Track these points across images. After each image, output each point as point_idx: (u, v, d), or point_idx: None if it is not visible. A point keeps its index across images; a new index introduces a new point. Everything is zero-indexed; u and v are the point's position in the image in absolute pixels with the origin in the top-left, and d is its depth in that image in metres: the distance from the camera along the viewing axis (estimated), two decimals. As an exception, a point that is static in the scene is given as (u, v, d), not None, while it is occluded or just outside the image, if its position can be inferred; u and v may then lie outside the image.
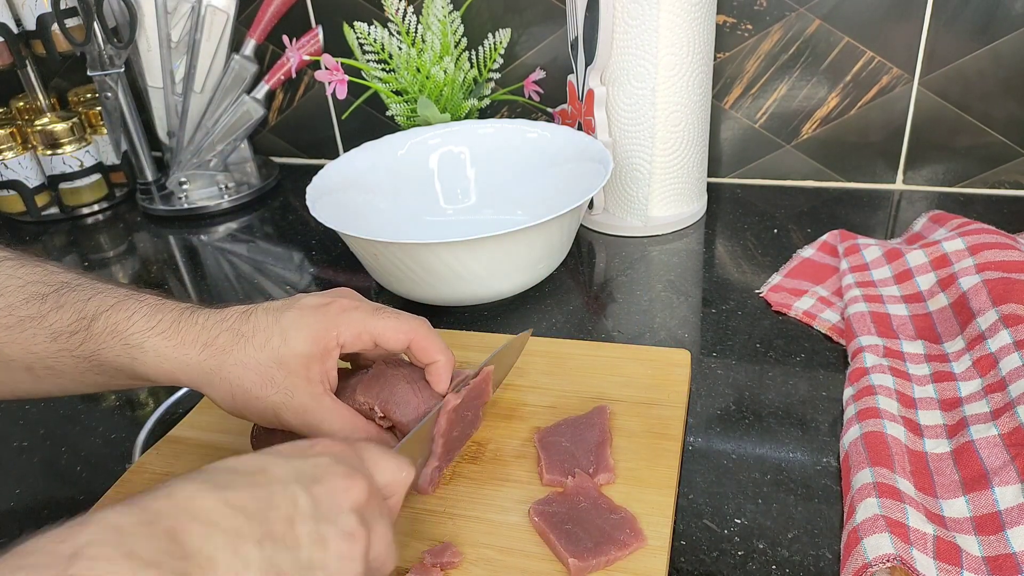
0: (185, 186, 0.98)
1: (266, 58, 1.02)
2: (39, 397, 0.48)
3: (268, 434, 0.51)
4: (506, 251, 0.64)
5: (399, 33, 0.85)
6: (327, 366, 0.46)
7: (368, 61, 0.87)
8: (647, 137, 0.76)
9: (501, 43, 0.88)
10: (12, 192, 0.98)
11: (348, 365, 0.54)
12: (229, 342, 0.44)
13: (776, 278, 0.70)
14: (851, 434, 0.50)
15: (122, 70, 0.93)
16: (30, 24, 0.92)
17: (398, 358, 0.52)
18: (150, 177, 1.00)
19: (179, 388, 0.63)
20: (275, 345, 0.44)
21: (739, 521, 0.47)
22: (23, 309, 0.45)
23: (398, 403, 0.48)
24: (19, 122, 1.00)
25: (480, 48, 0.90)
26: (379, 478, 0.38)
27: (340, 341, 0.46)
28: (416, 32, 0.85)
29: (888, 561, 0.40)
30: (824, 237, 0.74)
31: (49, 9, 0.90)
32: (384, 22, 0.87)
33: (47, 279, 0.46)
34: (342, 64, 0.85)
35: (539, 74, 0.90)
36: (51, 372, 0.45)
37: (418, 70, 0.84)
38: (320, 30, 0.94)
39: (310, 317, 0.45)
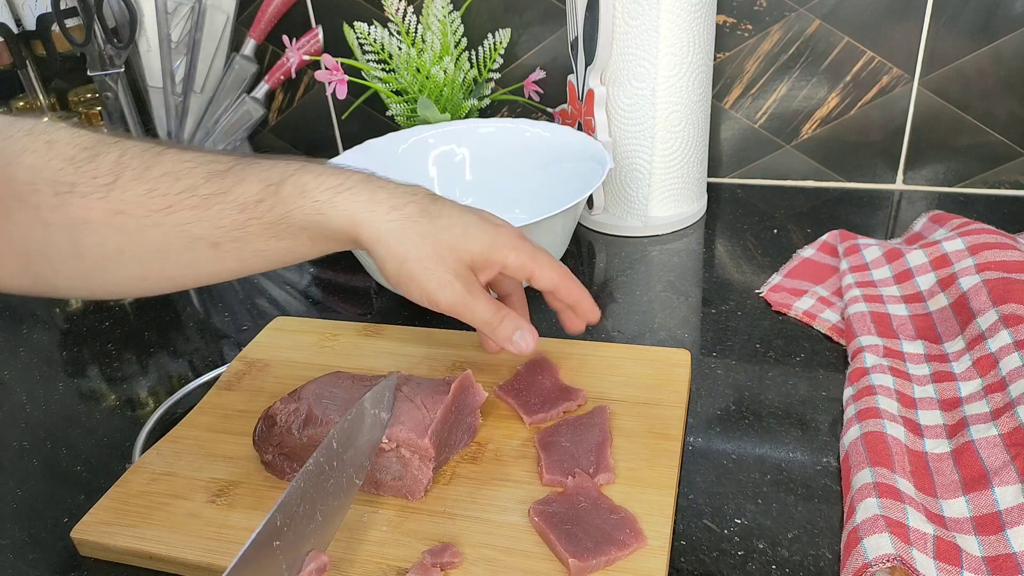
0: (185, 186, 0.98)
1: (266, 58, 1.02)
2: (220, 280, 0.49)
3: (268, 433, 0.51)
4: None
5: (399, 33, 0.85)
6: (489, 273, 0.49)
7: (368, 61, 0.87)
8: (647, 137, 0.76)
9: (501, 43, 0.88)
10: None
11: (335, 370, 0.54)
12: (417, 213, 0.46)
13: (776, 278, 0.70)
14: (851, 434, 0.50)
15: (122, 70, 0.93)
16: (30, 24, 0.92)
17: (404, 375, 0.52)
18: (150, 177, 1.00)
19: (179, 388, 0.63)
20: (456, 233, 0.46)
21: (739, 521, 0.47)
22: (205, 187, 0.45)
23: (404, 422, 0.48)
24: (19, 122, 1.00)
25: (480, 48, 0.90)
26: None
27: (506, 263, 0.48)
28: (416, 32, 0.85)
29: (888, 561, 0.40)
30: (824, 237, 0.74)
31: (49, 9, 0.90)
32: (384, 22, 0.87)
33: (219, 158, 0.47)
34: (342, 64, 0.85)
35: (539, 74, 0.90)
36: (236, 245, 0.46)
37: (418, 70, 0.84)
38: (320, 30, 0.94)
39: (490, 230, 0.48)
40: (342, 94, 0.85)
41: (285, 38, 0.93)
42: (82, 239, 0.45)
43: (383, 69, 0.87)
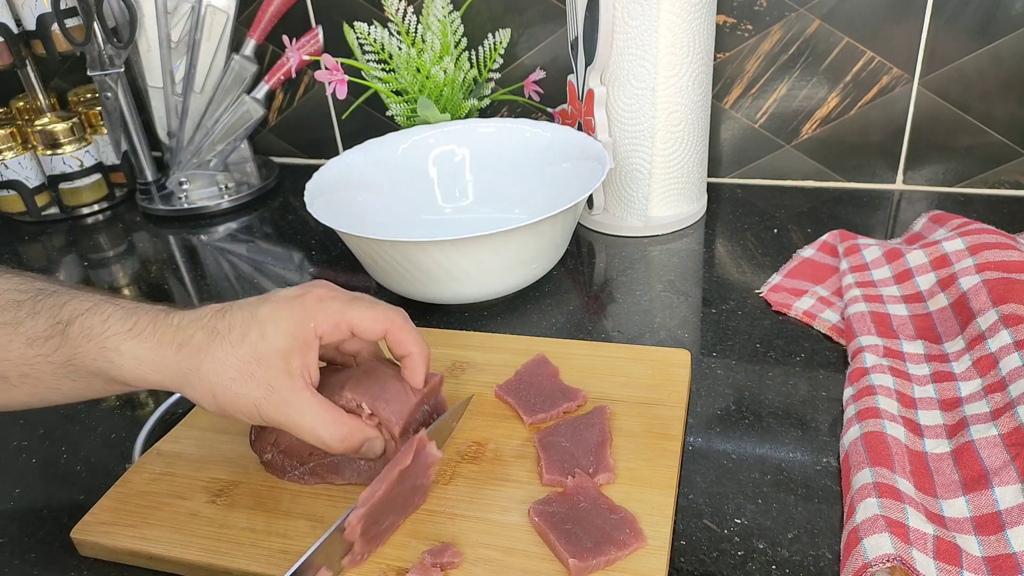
0: (185, 186, 0.98)
1: (266, 58, 1.02)
2: (12, 409, 0.48)
3: (264, 432, 0.51)
4: (498, 251, 0.64)
5: (399, 33, 0.85)
6: (307, 359, 0.45)
7: (368, 61, 0.87)
8: (647, 137, 0.76)
9: (501, 43, 0.88)
10: (12, 192, 0.98)
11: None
12: (205, 340, 0.44)
13: (776, 278, 0.70)
14: (851, 434, 0.50)
15: (122, 70, 0.93)
16: (30, 24, 0.92)
17: (389, 357, 0.52)
18: (150, 177, 1.00)
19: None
20: (253, 340, 0.44)
21: (739, 521, 0.47)
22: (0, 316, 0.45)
23: (388, 399, 0.48)
24: (19, 122, 1.00)
25: (480, 48, 0.90)
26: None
27: (319, 332, 0.45)
28: (416, 32, 0.85)
29: (888, 561, 0.40)
30: (824, 237, 0.74)
31: (49, 9, 0.90)
32: (384, 22, 0.87)
33: (22, 286, 0.46)
34: (342, 64, 0.85)
35: (539, 74, 0.90)
36: (26, 379, 0.45)
37: (418, 70, 0.84)
38: (320, 30, 0.94)
39: (286, 310, 0.45)
40: (342, 94, 0.85)
41: (285, 38, 0.92)
42: None
43: (383, 69, 0.87)
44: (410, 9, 0.85)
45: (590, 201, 0.82)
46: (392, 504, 0.45)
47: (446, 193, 0.83)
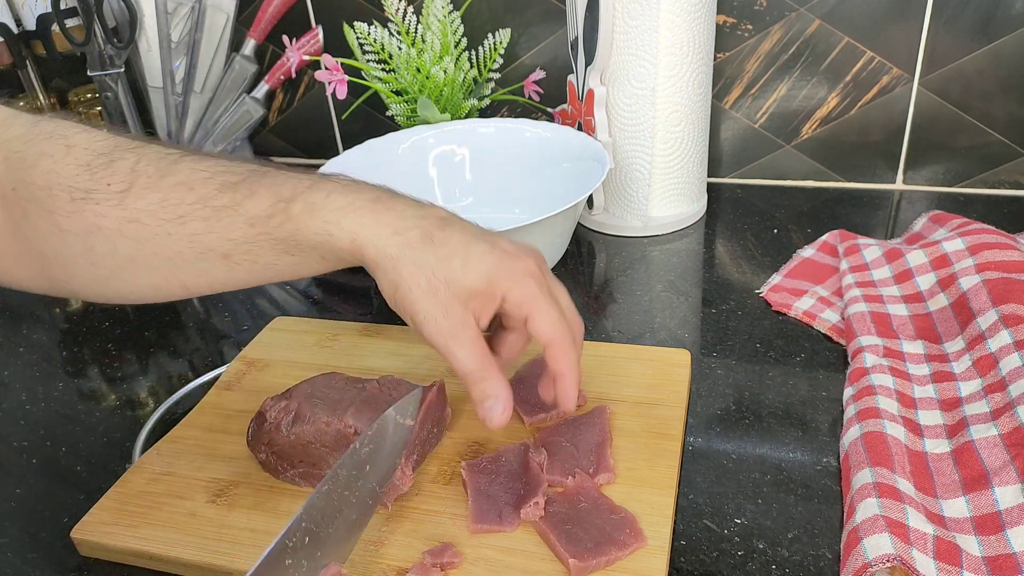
0: (185, 186, 0.98)
1: (266, 58, 1.02)
2: (231, 288, 0.48)
3: (260, 432, 0.51)
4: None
5: (399, 33, 0.85)
6: (485, 307, 0.45)
7: (368, 61, 0.87)
8: (647, 137, 0.76)
9: (501, 43, 0.88)
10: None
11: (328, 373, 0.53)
12: (418, 239, 0.44)
13: (776, 278, 0.70)
14: (851, 434, 0.50)
15: (122, 70, 0.93)
16: (30, 24, 0.92)
17: (396, 379, 0.52)
18: (150, 177, 1.00)
19: (179, 388, 0.63)
20: (455, 265, 0.44)
21: (739, 521, 0.47)
22: (217, 199, 0.45)
23: None
24: (19, 122, 1.00)
25: (480, 48, 0.90)
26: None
27: (506, 297, 0.45)
28: (416, 32, 0.85)
29: (888, 561, 0.40)
30: (824, 237, 0.74)
31: (49, 9, 0.90)
32: (384, 22, 0.87)
33: (233, 168, 0.46)
34: (342, 64, 0.85)
35: (539, 74, 0.90)
36: (248, 257, 0.46)
37: (418, 70, 0.84)
38: (320, 30, 0.94)
39: (496, 260, 0.45)
40: (342, 94, 0.85)
41: (285, 38, 0.92)
42: (95, 246, 0.45)
43: (383, 69, 0.87)
44: (410, 9, 0.85)
45: (590, 201, 0.82)
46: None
47: (446, 193, 0.83)
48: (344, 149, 0.96)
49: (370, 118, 1.00)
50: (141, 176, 0.45)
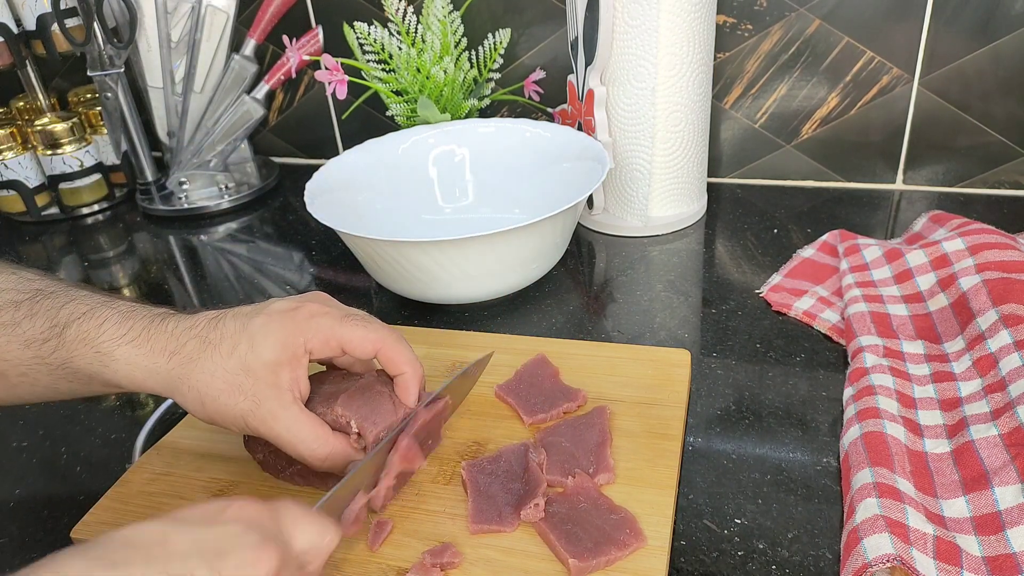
0: (185, 186, 0.98)
1: (266, 58, 1.02)
2: (12, 404, 0.48)
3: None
4: (497, 251, 0.64)
5: (399, 33, 0.85)
6: (296, 373, 0.45)
7: (368, 61, 0.87)
8: (647, 137, 0.76)
9: (501, 43, 0.88)
10: (12, 192, 0.98)
11: (324, 368, 0.53)
12: (197, 349, 0.44)
13: (776, 278, 0.70)
14: (851, 434, 0.50)
15: (122, 70, 0.93)
16: (30, 24, 0.92)
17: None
18: (150, 177, 1.00)
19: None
20: (242, 352, 0.44)
21: (739, 521, 0.47)
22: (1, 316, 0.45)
23: (376, 421, 0.47)
24: (19, 122, 1.00)
25: (480, 48, 0.90)
26: (298, 543, 0.35)
27: (308, 347, 0.45)
28: (416, 32, 0.85)
29: (888, 561, 0.40)
30: (824, 237, 0.74)
31: (49, 9, 0.90)
32: (384, 22, 0.87)
33: (21, 287, 0.46)
34: (342, 64, 0.85)
35: (539, 74, 0.90)
36: (24, 379, 0.46)
37: (418, 70, 0.84)
38: (320, 30, 0.94)
39: (277, 323, 0.45)
40: (342, 94, 0.85)
41: (285, 38, 0.92)
42: None
43: (383, 69, 0.87)
44: (410, 9, 0.85)
45: (590, 201, 0.82)
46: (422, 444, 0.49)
47: (446, 193, 0.83)
48: (344, 149, 0.96)
49: (370, 118, 1.00)
50: None
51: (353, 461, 0.46)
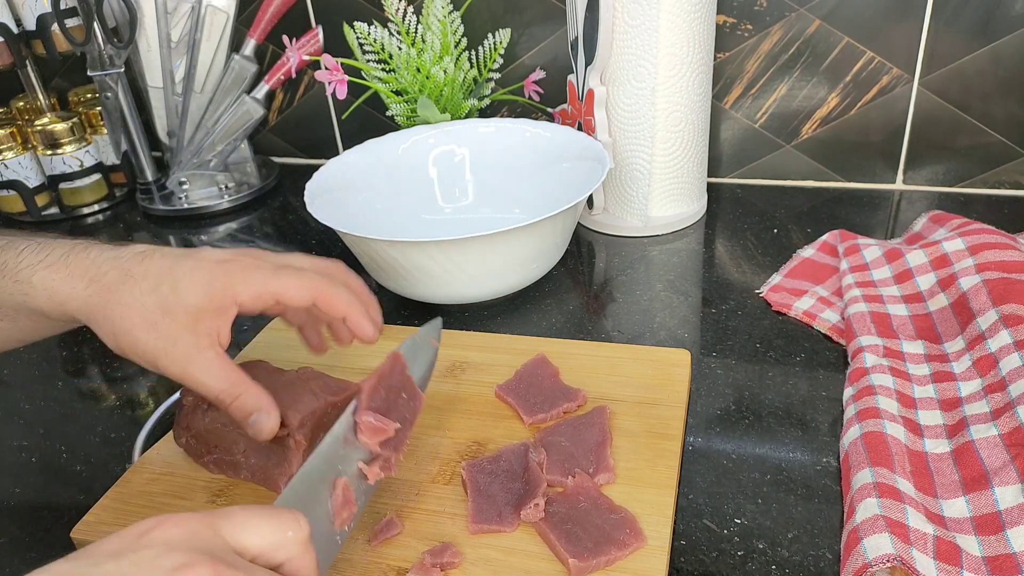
0: (185, 186, 0.98)
1: (266, 58, 1.02)
2: None
3: (179, 419, 0.51)
4: (497, 251, 0.64)
5: (399, 33, 0.85)
6: (218, 323, 0.44)
7: (368, 61, 0.87)
8: (647, 137, 0.76)
9: (501, 43, 0.88)
10: (12, 192, 0.98)
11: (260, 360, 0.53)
12: (117, 280, 0.43)
13: (776, 278, 0.70)
14: (851, 434, 0.50)
15: (122, 70, 0.93)
16: (30, 24, 0.92)
17: (315, 371, 0.52)
18: (150, 177, 1.00)
19: (179, 389, 0.63)
20: (164, 292, 0.43)
21: (739, 521, 0.47)
22: None
23: (298, 409, 0.47)
24: (19, 122, 1.00)
25: (480, 48, 0.90)
26: (253, 544, 0.32)
27: (239, 300, 0.45)
28: (416, 32, 0.85)
29: (888, 561, 0.40)
30: (824, 237, 0.74)
31: (49, 9, 0.90)
32: (384, 22, 0.87)
33: None
34: (342, 64, 0.85)
35: (539, 74, 0.90)
36: None
37: (418, 70, 0.84)
38: (320, 30, 0.94)
39: (207, 271, 0.44)
40: (342, 94, 0.85)
41: (285, 38, 0.92)
42: None
43: (383, 69, 0.87)
44: (410, 9, 0.85)
45: (590, 201, 0.82)
46: (392, 407, 0.46)
47: (446, 193, 0.83)
48: (344, 149, 0.96)
49: (370, 118, 1.00)
50: None
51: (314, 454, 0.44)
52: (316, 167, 0.77)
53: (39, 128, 0.97)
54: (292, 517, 0.34)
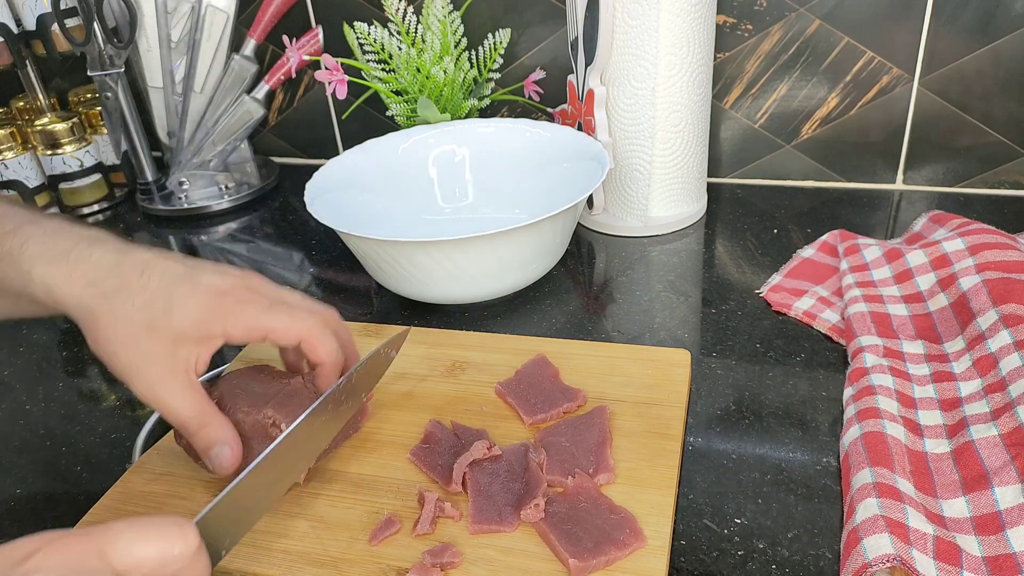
0: (185, 186, 0.98)
1: (266, 58, 1.02)
2: None
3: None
4: (498, 251, 0.64)
5: (399, 33, 0.85)
6: (199, 351, 0.45)
7: (368, 61, 0.87)
8: (647, 137, 0.76)
9: (501, 43, 0.88)
10: (12, 192, 0.98)
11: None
12: (114, 289, 0.43)
13: (776, 278, 0.70)
14: (851, 434, 0.50)
15: (122, 70, 0.93)
16: (30, 24, 0.92)
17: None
18: (150, 177, 1.00)
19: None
20: (155, 312, 0.43)
21: (739, 521, 0.47)
22: None
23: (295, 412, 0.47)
24: (19, 122, 1.00)
25: (480, 48, 0.90)
26: (146, 561, 0.32)
27: (228, 333, 0.45)
28: (416, 32, 0.85)
29: (888, 561, 0.40)
30: (824, 237, 0.74)
31: (49, 9, 0.90)
32: (384, 22, 0.87)
33: None
34: (342, 64, 0.85)
35: (539, 74, 0.90)
36: None
37: (418, 70, 0.84)
38: (320, 30, 0.94)
39: (203, 301, 0.44)
40: (342, 94, 0.85)
41: (285, 38, 0.92)
42: None
43: (383, 69, 0.87)
44: (410, 9, 0.85)
45: (590, 201, 0.82)
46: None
47: (446, 193, 0.83)
48: (344, 149, 0.96)
49: (370, 118, 1.00)
50: None
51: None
52: (316, 167, 0.77)
53: (39, 128, 0.97)
54: (179, 532, 0.33)
